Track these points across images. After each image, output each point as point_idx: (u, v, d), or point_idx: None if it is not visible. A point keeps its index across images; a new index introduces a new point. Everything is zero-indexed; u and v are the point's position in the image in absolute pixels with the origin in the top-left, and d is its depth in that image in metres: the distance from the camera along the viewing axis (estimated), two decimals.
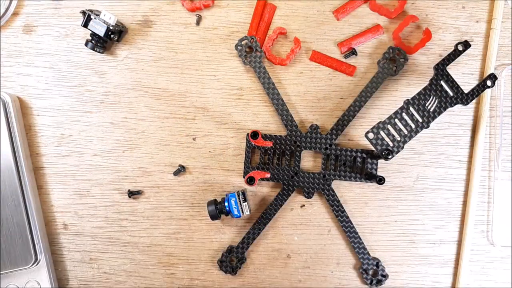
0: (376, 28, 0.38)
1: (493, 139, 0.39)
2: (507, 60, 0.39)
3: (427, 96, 0.35)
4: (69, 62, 0.39)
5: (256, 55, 0.38)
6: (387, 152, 0.34)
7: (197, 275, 0.39)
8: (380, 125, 0.34)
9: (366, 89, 0.37)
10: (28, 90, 0.39)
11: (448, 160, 0.39)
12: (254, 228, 0.38)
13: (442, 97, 0.35)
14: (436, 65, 0.35)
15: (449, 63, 0.35)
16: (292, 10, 0.39)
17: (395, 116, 0.34)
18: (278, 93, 0.38)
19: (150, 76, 0.39)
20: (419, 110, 0.35)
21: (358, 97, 0.37)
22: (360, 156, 0.37)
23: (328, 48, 0.39)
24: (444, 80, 0.35)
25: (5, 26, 0.38)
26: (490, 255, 0.39)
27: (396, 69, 0.37)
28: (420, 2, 0.39)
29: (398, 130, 0.34)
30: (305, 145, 0.38)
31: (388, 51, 0.37)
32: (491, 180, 0.39)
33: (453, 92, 0.35)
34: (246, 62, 0.38)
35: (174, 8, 0.39)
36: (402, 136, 0.34)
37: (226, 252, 0.38)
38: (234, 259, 0.38)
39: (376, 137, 0.34)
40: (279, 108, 0.38)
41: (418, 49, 0.38)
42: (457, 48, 0.35)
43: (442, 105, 0.35)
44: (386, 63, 0.37)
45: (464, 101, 0.35)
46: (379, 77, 0.37)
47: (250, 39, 0.37)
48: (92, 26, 0.36)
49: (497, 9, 0.38)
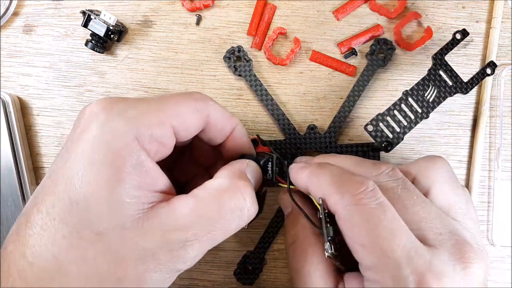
0: (376, 28, 0.38)
1: (493, 139, 0.39)
2: (507, 60, 0.39)
3: (426, 86, 0.35)
4: (69, 62, 0.39)
5: (246, 64, 0.37)
6: (387, 144, 0.34)
7: (197, 275, 0.39)
8: (379, 117, 0.34)
9: (358, 83, 0.37)
10: (28, 90, 0.39)
11: (448, 160, 0.39)
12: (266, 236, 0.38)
13: (441, 86, 0.35)
14: (434, 55, 0.35)
15: (447, 52, 0.35)
16: (292, 10, 0.39)
17: (394, 108, 0.34)
18: (272, 99, 0.38)
19: (150, 76, 0.39)
20: (418, 100, 0.34)
21: (351, 91, 0.37)
22: (361, 150, 0.37)
23: (328, 48, 0.39)
24: (443, 69, 0.35)
25: (5, 26, 0.38)
26: (490, 255, 0.39)
27: (384, 59, 0.37)
28: (420, 2, 0.39)
29: (397, 121, 0.34)
30: (305, 146, 0.38)
31: (375, 43, 0.37)
32: (491, 180, 0.39)
33: (452, 82, 0.35)
34: (236, 73, 0.38)
35: (174, 8, 0.39)
36: (402, 128, 0.34)
37: (241, 262, 0.38)
38: (250, 268, 0.38)
39: (376, 129, 0.34)
40: (275, 113, 0.38)
41: (418, 47, 0.38)
42: (455, 37, 0.35)
43: (442, 95, 0.35)
44: (375, 55, 0.37)
45: (463, 90, 0.35)
46: (369, 70, 0.37)
47: (237, 49, 0.37)
48: (92, 26, 0.36)
49: (497, 8, 0.38)
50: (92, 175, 0.23)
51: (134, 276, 0.23)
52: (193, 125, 0.27)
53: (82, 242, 0.22)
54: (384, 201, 0.25)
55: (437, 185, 0.28)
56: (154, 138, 0.25)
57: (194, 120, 0.27)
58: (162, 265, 0.23)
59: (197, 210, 0.24)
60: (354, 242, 0.25)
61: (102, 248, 0.22)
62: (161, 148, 0.26)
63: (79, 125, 0.25)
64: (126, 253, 0.23)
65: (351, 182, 0.26)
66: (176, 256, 0.24)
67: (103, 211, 0.23)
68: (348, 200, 0.25)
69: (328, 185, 0.26)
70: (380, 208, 0.25)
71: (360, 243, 0.25)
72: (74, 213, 0.23)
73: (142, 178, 0.24)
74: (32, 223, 0.23)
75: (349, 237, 0.25)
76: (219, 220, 0.25)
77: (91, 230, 0.23)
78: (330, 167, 0.28)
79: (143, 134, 0.24)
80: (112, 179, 0.23)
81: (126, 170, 0.23)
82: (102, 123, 0.24)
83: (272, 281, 0.39)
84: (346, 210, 0.25)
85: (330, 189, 0.26)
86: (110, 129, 0.24)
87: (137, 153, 0.24)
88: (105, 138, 0.23)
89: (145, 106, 0.25)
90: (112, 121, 0.24)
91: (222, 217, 0.25)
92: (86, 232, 0.22)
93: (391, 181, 0.27)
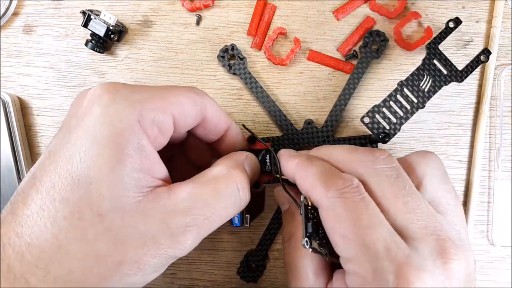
0: (367, 20, 0.38)
1: (493, 139, 0.39)
2: (507, 60, 0.39)
3: (421, 76, 0.35)
4: (69, 62, 0.39)
5: (240, 62, 0.37)
6: (384, 135, 0.34)
7: (197, 275, 0.39)
8: (375, 109, 0.34)
9: (352, 75, 0.37)
10: (28, 90, 0.39)
11: (448, 160, 0.39)
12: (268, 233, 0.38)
13: (436, 76, 0.35)
14: (428, 44, 0.35)
15: (441, 42, 0.35)
16: (292, 10, 0.39)
17: (390, 99, 0.34)
18: (268, 95, 0.38)
19: (150, 76, 0.39)
20: (414, 90, 0.35)
21: (346, 84, 0.37)
22: (359, 143, 0.37)
23: (328, 48, 0.39)
24: (437, 58, 0.35)
25: (5, 26, 0.38)
26: (490, 255, 0.39)
27: (378, 51, 0.37)
28: (420, 2, 0.39)
29: (393, 112, 0.34)
30: (302, 141, 0.38)
31: (367, 35, 0.37)
32: (491, 180, 0.39)
33: (447, 70, 0.35)
34: (231, 71, 0.38)
35: (174, 8, 0.39)
36: (398, 118, 0.34)
37: (244, 261, 0.38)
38: (253, 266, 0.38)
39: (372, 121, 0.34)
40: (271, 110, 0.38)
41: (418, 47, 0.38)
42: (448, 26, 0.35)
43: (437, 84, 0.35)
44: (368, 47, 0.37)
45: (458, 78, 0.35)
46: (363, 62, 0.37)
47: (231, 47, 0.37)
48: (92, 26, 0.36)
49: (497, 8, 0.38)
50: (94, 154, 0.23)
51: (134, 260, 0.23)
52: (191, 116, 0.28)
53: (82, 222, 0.22)
54: (366, 197, 0.26)
55: (428, 178, 0.29)
56: (155, 123, 0.25)
57: (192, 111, 0.27)
58: (162, 250, 0.23)
59: (195, 195, 0.25)
60: (335, 233, 0.26)
61: (103, 230, 0.23)
62: (160, 135, 0.26)
63: (80, 106, 0.25)
64: (126, 236, 0.23)
65: (337, 177, 0.27)
66: (176, 242, 0.24)
67: (104, 191, 0.23)
68: (333, 193, 0.26)
69: (314, 179, 0.27)
70: (363, 202, 0.25)
71: (341, 234, 0.25)
72: (75, 192, 0.23)
73: (142, 162, 0.24)
74: (30, 204, 0.23)
75: (331, 228, 0.26)
76: (215, 205, 0.26)
77: (91, 211, 0.23)
78: (318, 162, 0.28)
79: (146, 118, 0.24)
80: (114, 159, 0.23)
81: (127, 152, 0.23)
82: (106, 104, 0.24)
83: (271, 281, 0.39)
84: (330, 202, 0.26)
85: (316, 183, 0.27)
86: (115, 110, 0.24)
87: (139, 136, 0.24)
88: (109, 118, 0.24)
89: (149, 92, 0.26)
90: (117, 103, 0.24)
91: (218, 203, 0.26)
92: (86, 212, 0.23)
93: (386, 168, 0.27)
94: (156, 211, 0.24)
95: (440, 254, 0.25)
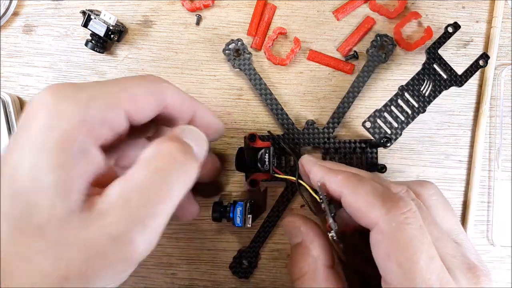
0: (368, 20, 0.38)
1: (493, 139, 0.39)
2: (507, 60, 0.39)
3: (421, 80, 0.35)
4: (69, 62, 0.39)
5: (245, 57, 0.37)
6: (385, 140, 0.34)
7: (197, 275, 0.39)
8: (376, 114, 0.34)
9: (358, 78, 0.37)
10: (28, 90, 0.39)
11: (448, 160, 0.39)
12: (262, 231, 0.38)
13: (436, 80, 0.35)
14: (428, 49, 0.35)
15: (440, 46, 0.35)
16: (292, 10, 0.39)
17: (391, 103, 0.34)
18: (271, 93, 0.37)
19: None
20: (414, 95, 0.35)
21: (351, 87, 0.37)
22: (359, 147, 0.37)
23: (328, 48, 0.39)
24: (437, 63, 0.35)
25: (5, 26, 0.38)
26: (490, 255, 0.39)
27: (385, 56, 0.37)
28: (420, 2, 0.39)
29: (395, 117, 0.34)
30: (303, 141, 0.38)
31: (376, 39, 0.37)
32: (491, 180, 0.39)
33: (447, 75, 0.35)
34: (236, 66, 0.37)
35: (174, 8, 0.39)
36: (399, 123, 0.34)
37: (237, 257, 0.38)
38: (245, 263, 0.38)
39: (373, 126, 0.34)
40: (273, 108, 0.38)
41: (418, 47, 0.38)
42: (447, 30, 0.35)
43: (437, 89, 0.35)
44: (375, 51, 0.37)
45: (458, 82, 0.35)
46: (370, 66, 0.37)
47: (237, 42, 0.37)
48: (92, 26, 0.36)
49: (497, 8, 0.38)
50: (34, 163, 0.22)
51: (79, 274, 0.21)
52: (147, 108, 0.26)
53: (24, 238, 0.21)
54: (423, 226, 0.25)
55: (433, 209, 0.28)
56: (105, 121, 0.24)
57: (148, 103, 0.26)
58: (109, 260, 0.21)
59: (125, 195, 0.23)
60: (391, 259, 0.24)
61: (44, 244, 0.21)
62: (112, 133, 0.25)
63: (27, 113, 0.24)
64: (68, 249, 0.21)
65: (396, 199, 0.25)
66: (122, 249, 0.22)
67: (43, 201, 0.21)
68: (394, 217, 0.24)
69: (369, 197, 0.26)
70: (422, 231, 0.24)
71: (397, 261, 0.24)
72: (16, 205, 0.21)
73: (84, 166, 0.23)
74: None
75: (385, 254, 0.25)
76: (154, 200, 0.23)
77: (32, 224, 0.21)
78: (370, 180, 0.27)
79: (93, 117, 0.23)
80: (53, 166, 0.22)
81: (68, 157, 0.22)
82: (49, 107, 0.22)
83: (271, 281, 0.39)
84: (390, 226, 0.24)
85: (374, 202, 0.25)
86: (57, 113, 0.22)
87: (83, 139, 0.23)
88: (51, 122, 0.22)
89: (96, 89, 0.24)
90: (60, 104, 0.23)
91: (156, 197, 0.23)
92: (27, 226, 0.21)
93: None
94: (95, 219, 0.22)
95: (476, 283, 0.25)
